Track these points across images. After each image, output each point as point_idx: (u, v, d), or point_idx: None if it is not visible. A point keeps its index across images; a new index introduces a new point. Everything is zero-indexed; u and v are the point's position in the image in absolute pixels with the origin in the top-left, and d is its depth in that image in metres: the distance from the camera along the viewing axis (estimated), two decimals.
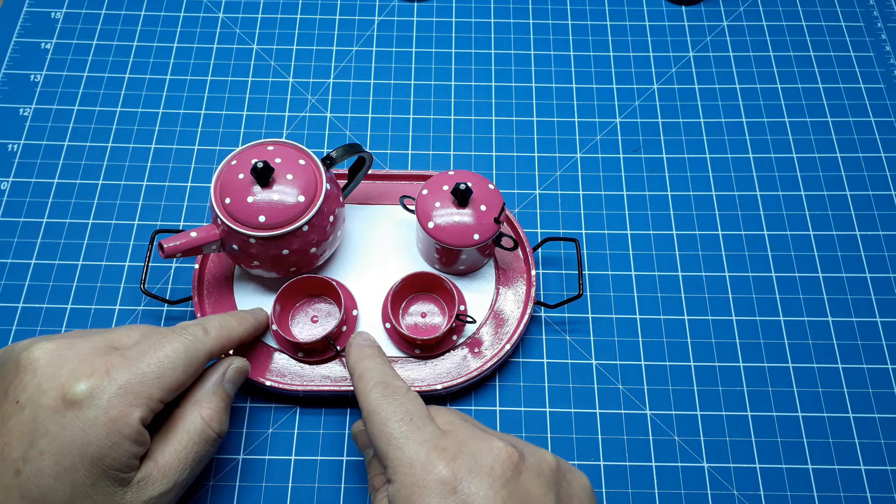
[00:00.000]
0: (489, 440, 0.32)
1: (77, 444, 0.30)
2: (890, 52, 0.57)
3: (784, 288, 0.48)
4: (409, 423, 0.33)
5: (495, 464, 0.31)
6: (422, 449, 0.31)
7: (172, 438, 0.34)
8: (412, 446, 0.32)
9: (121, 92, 0.54)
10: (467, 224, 0.42)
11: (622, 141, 0.53)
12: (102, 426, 0.31)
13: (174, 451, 0.34)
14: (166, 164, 0.51)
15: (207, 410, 0.35)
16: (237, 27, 0.58)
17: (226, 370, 0.37)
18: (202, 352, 0.35)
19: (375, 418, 0.33)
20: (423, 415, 0.33)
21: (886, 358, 0.45)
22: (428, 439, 0.32)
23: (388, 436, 0.32)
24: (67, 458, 0.30)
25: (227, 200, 0.39)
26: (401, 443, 0.32)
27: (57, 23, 0.57)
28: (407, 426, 0.32)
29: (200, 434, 0.35)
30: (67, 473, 0.30)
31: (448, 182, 0.43)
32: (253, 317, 0.41)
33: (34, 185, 0.50)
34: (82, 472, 0.31)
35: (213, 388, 0.36)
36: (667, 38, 0.58)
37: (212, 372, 0.37)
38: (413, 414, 0.33)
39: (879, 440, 0.43)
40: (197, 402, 0.36)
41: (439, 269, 0.46)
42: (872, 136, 0.54)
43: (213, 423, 0.35)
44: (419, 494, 0.30)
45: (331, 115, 0.54)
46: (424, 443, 0.32)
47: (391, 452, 0.32)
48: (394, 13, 0.59)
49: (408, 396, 0.34)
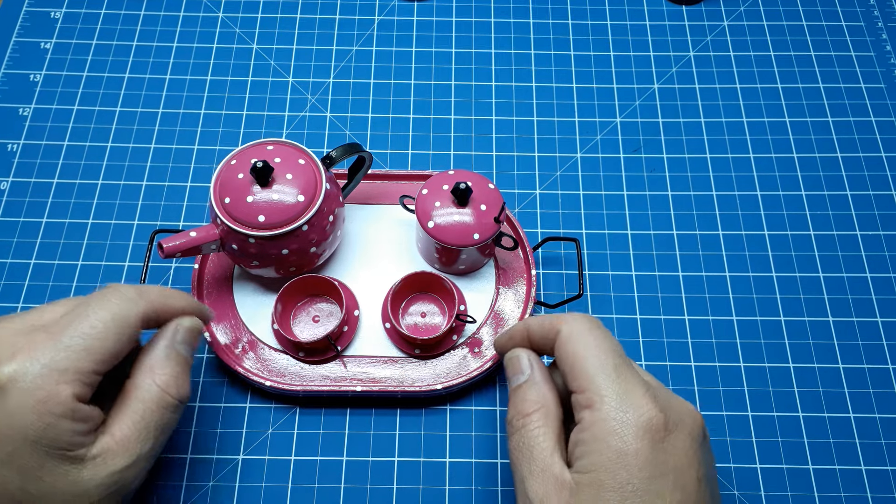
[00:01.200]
0: (684, 402, 0.32)
1: (14, 429, 0.29)
2: (890, 52, 0.57)
3: (784, 288, 0.48)
4: (624, 359, 0.32)
5: (694, 426, 0.31)
6: (636, 388, 0.31)
7: (128, 409, 0.32)
8: (626, 381, 0.31)
9: (120, 91, 0.54)
10: (467, 223, 0.42)
11: (622, 141, 0.53)
12: (32, 409, 0.29)
13: (131, 423, 0.32)
14: (166, 164, 0.51)
15: (162, 376, 0.33)
16: (237, 27, 0.58)
17: (175, 331, 0.35)
18: (133, 315, 0.33)
19: (583, 341, 0.32)
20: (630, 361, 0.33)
21: (887, 358, 0.45)
22: (639, 381, 0.31)
23: (601, 362, 0.31)
24: (8, 445, 0.29)
25: (226, 200, 0.39)
26: (614, 375, 0.31)
27: (56, 22, 0.57)
28: (622, 361, 0.32)
29: (157, 401, 0.33)
30: (11, 460, 0.29)
31: (448, 181, 0.43)
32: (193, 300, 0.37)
33: (34, 185, 0.50)
34: (27, 457, 0.29)
35: (164, 352, 0.34)
36: (667, 37, 0.58)
37: (161, 336, 0.35)
38: (623, 354, 0.32)
39: (880, 440, 0.43)
40: (150, 369, 0.34)
41: (439, 268, 0.46)
42: (873, 136, 0.53)
43: (171, 389, 0.33)
44: (624, 432, 0.29)
45: (331, 114, 0.54)
46: (639, 383, 0.31)
47: (600, 381, 0.31)
48: (394, 13, 0.59)
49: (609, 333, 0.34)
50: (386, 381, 0.42)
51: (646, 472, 0.29)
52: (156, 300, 0.34)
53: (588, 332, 0.33)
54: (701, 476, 0.30)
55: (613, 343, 0.33)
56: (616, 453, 0.29)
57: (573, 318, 0.34)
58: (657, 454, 0.29)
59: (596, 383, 0.31)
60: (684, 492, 0.29)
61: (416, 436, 0.43)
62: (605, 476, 0.29)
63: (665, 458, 0.29)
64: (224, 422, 0.43)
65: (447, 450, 0.42)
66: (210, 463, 0.42)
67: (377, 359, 0.43)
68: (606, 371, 0.31)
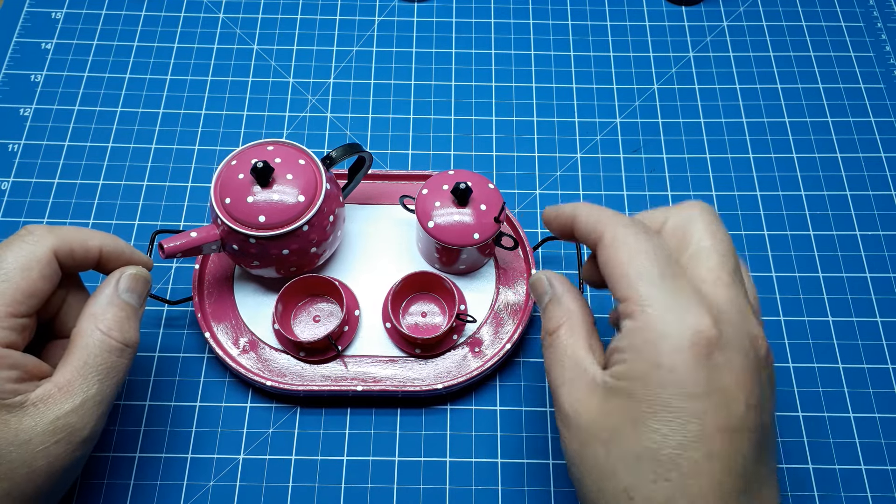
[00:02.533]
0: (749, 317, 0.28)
1: None
2: (890, 52, 0.57)
3: (784, 288, 0.48)
4: (669, 263, 0.29)
5: (752, 347, 0.27)
6: (686, 297, 0.27)
7: (71, 356, 0.32)
8: (674, 289, 0.28)
9: (121, 92, 0.54)
10: (467, 223, 0.42)
11: (622, 141, 0.53)
12: None
13: (74, 367, 0.32)
14: (166, 165, 0.51)
15: (104, 321, 0.33)
16: (237, 27, 0.58)
17: (119, 279, 0.35)
18: (41, 251, 0.33)
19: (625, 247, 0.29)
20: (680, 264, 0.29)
21: (887, 357, 0.45)
22: (691, 290, 0.28)
23: (644, 269, 0.28)
24: None
25: (227, 200, 0.39)
26: (658, 281, 0.28)
27: (57, 23, 0.57)
28: (667, 265, 0.28)
29: (100, 345, 0.33)
30: None
31: (448, 181, 0.43)
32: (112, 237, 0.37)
33: (34, 186, 0.50)
34: None
35: (107, 298, 0.34)
36: (667, 38, 0.58)
37: (104, 285, 0.35)
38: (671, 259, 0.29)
39: (880, 440, 0.43)
40: (92, 316, 0.34)
41: (439, 268, 0.46)
42: (872, 136, 0.54)
43: (114, 332, 0.33)
44: (663, 343, 0.27)
45: (331, 115, 0.54)
46: (688, 291, 0.28)
47: (643, 288, 0.28)
48: (394, 13, 0.59)
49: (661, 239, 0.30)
50: (386, 380, 0.43)
51: (683, 389, 0.26)
52: (67, 234, 0.34)
53: (633, 237, 0.29)
54: (753, 403, 0.27)
55: (662, 247, 0.29)
56: (650, 365, 0.27)
57: (617, 223, 0.30)
58: (699, 371, 0.26)
59: (638, 291, 0.28)
60: (728, 415, 0.26)
61: (416, 435, 0.43)
62: (637, 387, 0.27)
63: (710, 376, 0.26)
64: (224, 421, 0.43)
65: (447, 449, 0.42)
66: (210, 463, 0.42)
67: (378, 358, 0.43)
68: (650, 278, 0.28)
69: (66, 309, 0.36)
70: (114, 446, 0.42)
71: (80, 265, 0.36)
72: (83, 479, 0.41)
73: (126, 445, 0.42)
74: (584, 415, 0.29)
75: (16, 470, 0.30)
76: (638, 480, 0.27)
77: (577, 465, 0.29)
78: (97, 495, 0.41)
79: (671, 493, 0.26)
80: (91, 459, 0.41)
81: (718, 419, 0.26)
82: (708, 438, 0.26)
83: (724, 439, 0.26)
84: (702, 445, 0.26)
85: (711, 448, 0.26)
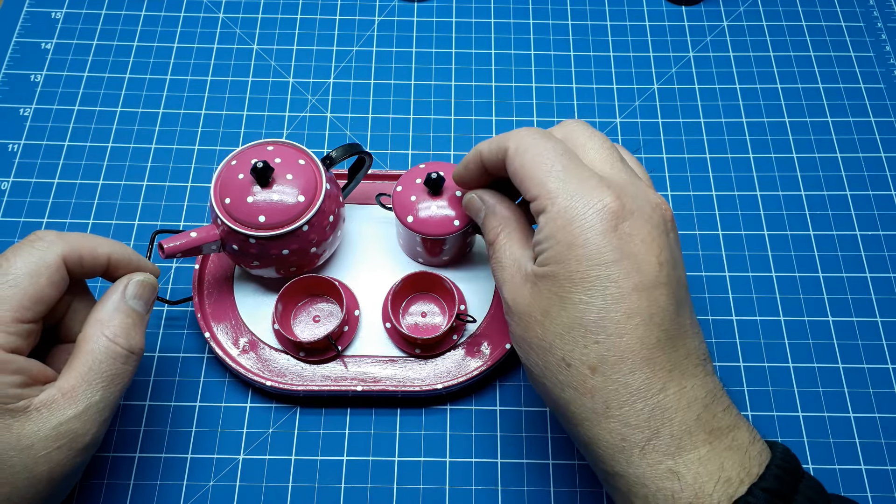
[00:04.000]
0: (652, 192, 0.32)
1: None
2: (890, 52, 0.57)
3: (784, 288, 0.48)
4: (570, 158, 0.32)
5: (654, 213, 0.31)
6: (587, 181, 0.30)
7: (76, 361, 0.32)
8: (576, 177, 0.31)
9: (121, 92, 0.54)
10: (446, 212, 0.42)
11: (622, 141, 0.53)
12: None
13: (78, 373, 0.32)
14: (166, 165, 0.51)
15: (111, 328, 0.33)
16: (237, 27, 0.58)
17: (126, 286, 0.35)
18: (51, 257, 0.33)
19: (529, 151, 0.32)
20: (578, 157, 0.32)
21: (887, 357, 0.45)
22: (591, 175, 0.31)
23: (548, 167, 0.31)
24: None
25: (227, 200, 0.39)
26: (562, 175, 0.31)
27: (57, 23, 0.57)
28: (568, 160, 0.31)
29: (105, 351, 0.33)
30: None
31: (420, 175, 0.43)
32: (120, 244, 0.37)
33: (34, 186, 0.50)
34: None
35: (114, 305, 0.34)
36: (667, 38, 0.58)
37: (111, 291, 0.35)
38: (571, 153, 0.32)
39: (880, 440, 0.43)
40: (98, 322, 0.34)
41: (424, 262, 0.46)
42: (872, 136, 0.54)
43: (119, 339, 0.33)
44: (573, 224, 0.30)
45: (331, 115, 0.54)
46: (590, 176, 0.31)
47: (550, 183, 0.31)
48: (394, 13, 0.59)
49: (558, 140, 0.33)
50: (386, 380, 0.43)
51: (598, 259, 0.29)
52: (77, 241, 0.34)
53: (533, 142, 0.32)
54: (663, 260, 0.30)
55: (561, 146, 0.32)
56: (565, 246, 0.30)
57: (518, 133, 0.33)
58: (610, 240, 0.29)
59: (546, 187, 0.31)
60: (641, 274, 0.29)
61: (416, 435, 0.43)
62: (557, 268, 0.30)
63: (619, 244, 0.29)
64: (224, 421, 0.43)
65: (447, 449, 0.42)
66: (210, 463, 0.42)
67: (377, 358, 0.43)
68: (555, 174, 0.31)
69: (72, 314, 0.36)
70: (114, 446, 0.42)
71: (88, 272, 0.35)
72: (83, 479, 0.41)
73: (126, 445, 0.42)
74: (521, 302, 0.32)
75: (17, 475, 0.30)
76: (572, 348, 0.30)
77: (523, 348, 0.32)
78: (97, 495, 0.41)
79: (601, 352, 0.29)
80: (91, 459, 0.41)
81: (633, 279, 0.29)
82: (626, 298, 0.29)
83: (640, 297, 0.29)
84: (621, 306, 0.29)
85: (630, 306, 0.29)
